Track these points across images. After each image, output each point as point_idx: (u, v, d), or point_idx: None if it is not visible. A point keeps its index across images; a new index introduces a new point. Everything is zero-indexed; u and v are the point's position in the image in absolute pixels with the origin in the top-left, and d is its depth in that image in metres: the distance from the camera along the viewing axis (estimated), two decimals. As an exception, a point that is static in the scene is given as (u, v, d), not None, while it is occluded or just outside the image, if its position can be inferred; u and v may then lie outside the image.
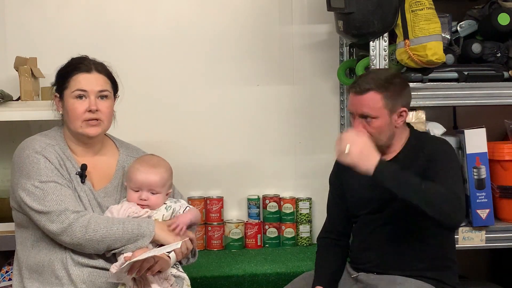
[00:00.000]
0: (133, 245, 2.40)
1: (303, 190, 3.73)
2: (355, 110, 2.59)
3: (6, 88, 3.15)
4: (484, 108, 3.45)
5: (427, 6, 3.01)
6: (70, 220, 2.37)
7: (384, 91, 2.55)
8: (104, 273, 2.44)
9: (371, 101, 2.54)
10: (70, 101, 2.50)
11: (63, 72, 2.57)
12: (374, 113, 2.55)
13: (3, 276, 3.08)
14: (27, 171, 2.43)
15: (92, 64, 2.55)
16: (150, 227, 2.42)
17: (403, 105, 2.60)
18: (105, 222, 2.40)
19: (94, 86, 2.51)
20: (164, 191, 2.53)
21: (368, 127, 2.57)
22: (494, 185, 3.15)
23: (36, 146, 2.48)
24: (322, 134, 3.73)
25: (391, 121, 2.58)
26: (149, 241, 2.41)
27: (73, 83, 2.51)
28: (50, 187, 2.41)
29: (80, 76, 2.51)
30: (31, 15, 3.52)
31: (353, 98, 2.60)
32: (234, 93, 3.68)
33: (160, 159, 2.59)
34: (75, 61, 2.57)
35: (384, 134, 2.58)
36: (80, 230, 2.37)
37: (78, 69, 2.53)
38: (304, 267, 3.16)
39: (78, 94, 2.50)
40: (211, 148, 3.67)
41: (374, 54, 3.07)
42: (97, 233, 2.38)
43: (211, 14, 3.65)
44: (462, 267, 3.00)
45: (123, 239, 2.39)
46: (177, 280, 2.47)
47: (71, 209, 2.39)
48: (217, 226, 3.60)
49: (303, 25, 3.71)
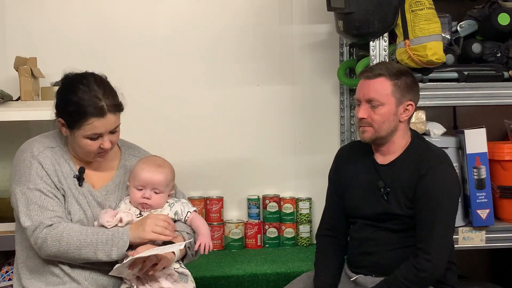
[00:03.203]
0: (107, 255, 2.39)
1: (303, 190, 3.74)
2: (363, 94, 2.60)
3: (6, 88, 3.16)
4: (484, 108, 3.45)
5: (427, 6, 3.01)
6: (43, 236, 2.39)
7: (395, 79, 2.57)
8: (105, 271, 2.44)
9: (380, 85, 2.56)
10: (82, 140, 2.45)
11: (73, 112, 2.42)
12: (382, 98, 2.56)
13: (3, 276, 3.08)
14: (19, 175, 2.46)
15: (104, 105, 2.41)
16: (124, 237, 2.40)
17: (410, 99, 2.60)
18: (78, 234, 2.39)
19: (108, 127, 2.44)
20: (167, 191, 2.54)
21: (372, 113, 2.57)
22: (494, 185, 3.15)
23: (34, 149, 2.49)
24: (322, 134, 3.74)
25: (396, 112, 2.58)
26: (124, 251, 2.40)
27: (88, 127, 2.41)
28: (34, 196, 2.43)
29: (95, 122, 2.40)
30: (31, 15, 3.52)
31: (362, 84, 2.61)
32: (234, 93, 3.69)
33: (164, 160, 2.61)
34: (83, 98, 2.40)
35: (387, 124, 2.58)
36: (54, 245, 2.38)
37: (91, 114, 2.40)
38: (304, 267, 3.16)
39: (92, 137, 2.44)
40: (211, 148, 3.67)
41: (374, 54, 3.07)
42: (70, 245, 2.38)
43: (211, 14, 3.65)
44: (462, 267, 3.01)
45: (97, 250, 2.39)
46: (180, 276, 2.48)
47: (46, 223, 2.39)
48: (217, 226, 3.60)
49: (303, 25, 3.71)
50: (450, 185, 2.57)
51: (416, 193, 2.54)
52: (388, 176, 2.62)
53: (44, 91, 3.23)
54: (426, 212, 2.51)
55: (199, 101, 3.66)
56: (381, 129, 2.58)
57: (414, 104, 2.62)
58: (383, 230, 2.63)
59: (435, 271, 2.50)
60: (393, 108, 2.57)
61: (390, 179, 2.61)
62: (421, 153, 2.62)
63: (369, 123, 2.59)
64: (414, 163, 2.58)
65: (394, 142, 2.63)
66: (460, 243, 3.06)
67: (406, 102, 2.59)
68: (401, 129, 2.63)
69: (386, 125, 2.58)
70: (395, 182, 2.60)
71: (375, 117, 2.57)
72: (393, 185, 2.60)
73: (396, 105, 2.58)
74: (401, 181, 2.58)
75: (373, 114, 2.58)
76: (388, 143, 2.63)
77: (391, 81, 2.57)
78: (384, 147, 2.64)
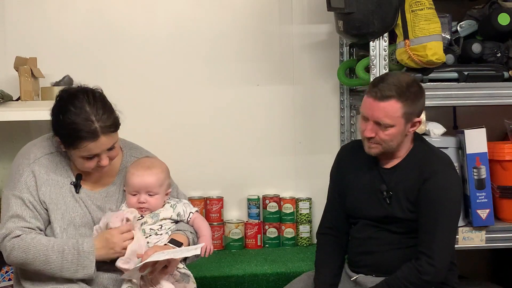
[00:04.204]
0: (72, 275, 2.39)
1: (303, 190, 3.73)
2: (371, 115, 2.53)
3: (6, 88, 3.15)
4: (484, 108, 3.45)
5: (427, 6, 3.00)
6: (10, 245, 2.39)
7: (405, 100, 2.50)
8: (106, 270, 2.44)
9: (391, 109, 2.50)
10: (78, 160, 2.43)
11: (66, 134, 2.39)
12: (392, 121, 2.51)
13: (3, 276, 3.08)
14: (11, 179, 2.49)
15: (97, 128, 2.36)
16: (90, 257, 2.38)
17: (418, 115, 2.58)
18: (45, 249, 2.38)
19: (104, 147, 2.41)
20: (162, 191, 2.53)
21: (380, 133, 2.54)
22: (494, 185, 3.15)
23: (31, 156, 2.49)
24: (322, 134, 3.74)
25: (405, 130, 2.56)
26: (91, 272, 2.38)
27: (82, 150, 2.38)
28: (16, 203, 2.44)
29: (89, 145, 2.37)
30: (31, 15, 3.51)
31: (371, 103, 2.53)
32: (234, 93, 3.68)
33: (154, 160, 2.59)
34: (75, 122, 2.35)
35: (395, 142, 2.56)
36: (20, 256, 2.39)
37: (83, 138, 2.36)
38: (304, 267, 3.16)
39: (88, 156, 2.42)
40: (211, 148, 3.67)
41: (374, 54, 3.06)
42: (36, 259, 2.38)
43: (211, 15, 3.65)
44: (462, 267, 3.00)
45: (63, 268, 2.38)
46: (182, 276, 2.48)
47: (15, 233, 2.39)
48: (217, 226, 3.60)
49: (303, 25, 3.71)
50: (453, 190, 2.57)
51: (419, 197, 2.54)
52: (391, 180, 2.61)
53: (44, 91, 3.23)
54: (429, 216, 2.51)
55: (199, 101, 3.66)
56: (388, 146, 2.57)
57: (421, 119, 2.60)
58: (385, 230, 2.62)
59: (437, 274, 2.49)
60: (402, 128, 2.54)
61: (393, 183, 2.60)
62: (424, 156, 2.61)
63: (377, 141, 2.57)
64: (417, 167, 2.58)
65: (399, 149, 2.63)
66: (460, 243, 3.06)
67: (414, 120, 2.57)
68: (407, 139, 2.62)
69: (394, 143, 2.57)
70: (398, 186, 2.59)
71: (383, 136, 2.54)
72: (396, 189, 2.59)
73: (405, 124, 2.55)
74: (404, 185, 2.58)
75: (381, 133, 2.54)
76: (393, 151, 2.63)
77: (401, 103, 2.50)
78: (388, 154, 2.64)
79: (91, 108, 2.38)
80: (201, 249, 2.45)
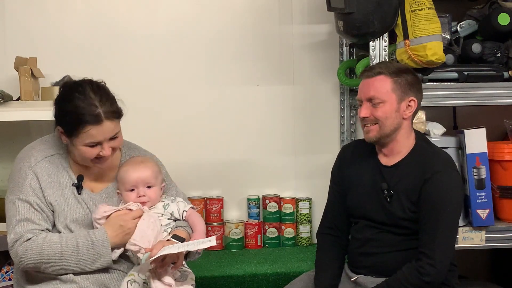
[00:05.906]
0: (93, 266, 2.40)
1: (303, 190, 3.73)
2: (364, 94, 2.60)
3: (6, 88, 3.16)
4: (484, 108, 3.45)
5: (427, 6, 3.00)
6: (22, 249, 2.38)
7: (395, 77, 2.58)
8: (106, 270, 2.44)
9: (380, 83, 2.57)
10: (80, 148, 2.43)
11: (69, 120, 2.41)
12: (382, 96, 2.56)
13: (3, 276, 3.08)
14: (14, 184, 2.47)
15: (101, 112, 2.39)
16: (105, 244, 2.40)
17: (412, 96, 2.60)
18: (58, 247, 2.38)
19: (106, 135, 2.42)
20: (158, 183, 2.55)
21: (374, 111, 2.57)
22: (494, 185, 3.15)
23: (31, 159, 2.49)
24: (322, 134, 3.74)
25: (398, 109, 2.58)
26: (109, 259, 2.41)
27: (85, 136, 2.39)
28: (23, 207, 2.42)
29: (92, 130, 2.38)
30: (31, 15, 3.52)
31: (363, 83, 2.62)
32: (234, 93, 3.68)
33: (144, 156, 2.63)
34: (79, 106, 2.39)
35: (390, 121, 2.57)
36: (35, 257, 2.38)
37: (87, 122, 2.38)
38: (304, 267, 3.16)
39: (90, 145, 2.42)
40: (211, 148, 3.67)
41: (374, 54, 3.07)
42: (51, 258, 2.38)
43: (211, 14, 3.65)
44: (462, 267, 3.00)
45: (79, 261, 2.39)
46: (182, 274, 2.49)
47: (26, 236, 2.38)
48: (217, 226, 3.60)
49: (303, 25, 3.71)
50: (454, 191, 2.56)
51: (420, 198, 2.54)
52: (392, 178, 2.61)
53: (44, 91, 3.23)
54: (430, 217, 2.51)
55: (199, 101, 3.66)
56: (385, 125, 2.57)
57: (416, 100, 2.62)
58: (386, 232, 2.62)
59: (438, 275, 2.49)
60: (394, 105, 2.57)
61: (394, 182, 2.60)
62: (426, 156, 2.61)
63: (372, 121, 2.58)
64: (418, 167, 2.58)
65: (398, 141, 2.62)
66: (460, 243, 3.06)
67: (408, 99, 2.59)
68: (404, 127, 2.62)
69: (390, 122, 2.58)
70: (399, 184, 2.59)
71: (377, 114, 2.57)
72: (397, 188, 2.59)
73: (398, 102, 2.58)
74: (405, 184, 2.58)
75: (374, 111, 2.57)
76: (392, 142, 2.62)
77: (391, 78, 2.57)
78: (388, 147, 2.64)
79: (95, 94, 2.42)
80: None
